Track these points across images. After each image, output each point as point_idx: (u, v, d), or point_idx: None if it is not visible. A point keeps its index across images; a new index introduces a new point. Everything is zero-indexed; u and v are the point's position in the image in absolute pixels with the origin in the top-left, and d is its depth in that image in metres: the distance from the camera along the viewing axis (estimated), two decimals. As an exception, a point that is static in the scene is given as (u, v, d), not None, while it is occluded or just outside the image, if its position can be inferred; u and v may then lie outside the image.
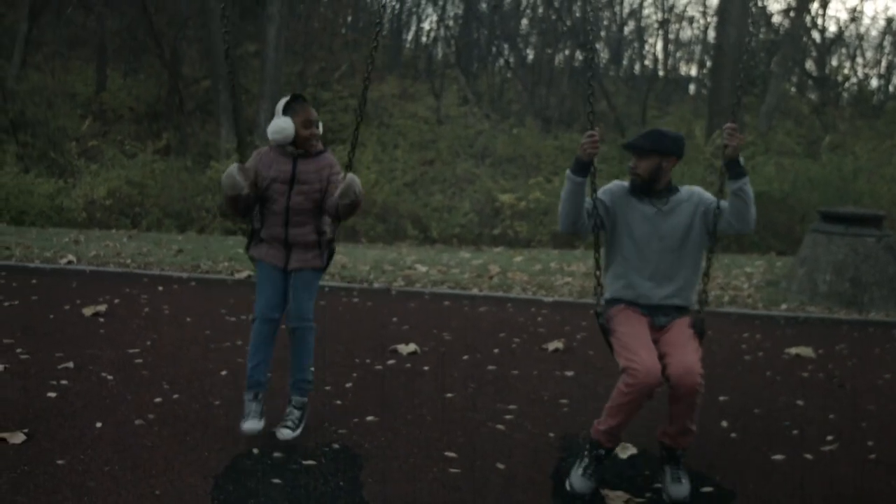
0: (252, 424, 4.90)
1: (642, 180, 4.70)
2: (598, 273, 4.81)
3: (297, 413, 5.06)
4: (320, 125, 5.06)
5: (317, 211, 5.01)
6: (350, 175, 4.86)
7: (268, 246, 5.04)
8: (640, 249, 4.70)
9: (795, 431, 5.64)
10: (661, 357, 4.42)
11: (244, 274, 10.45)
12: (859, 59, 32.68)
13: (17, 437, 4.75)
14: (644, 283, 4.70)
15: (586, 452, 4.57)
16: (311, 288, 5.04)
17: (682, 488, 4.44)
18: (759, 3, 29.36)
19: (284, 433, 4.95)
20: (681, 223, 4.69)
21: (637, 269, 4.71)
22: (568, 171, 4.67)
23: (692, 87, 33.52)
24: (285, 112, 4.96)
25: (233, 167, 4.88)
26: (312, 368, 5.21)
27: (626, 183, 4.82)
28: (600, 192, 4.76)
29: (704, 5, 32.06)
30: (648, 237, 4.69)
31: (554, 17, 29.27)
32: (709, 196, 4.75)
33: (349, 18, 31.06)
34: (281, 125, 4.90)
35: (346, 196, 4.82)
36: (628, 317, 4.67)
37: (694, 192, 4.77)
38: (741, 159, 4.56)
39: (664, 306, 4.71)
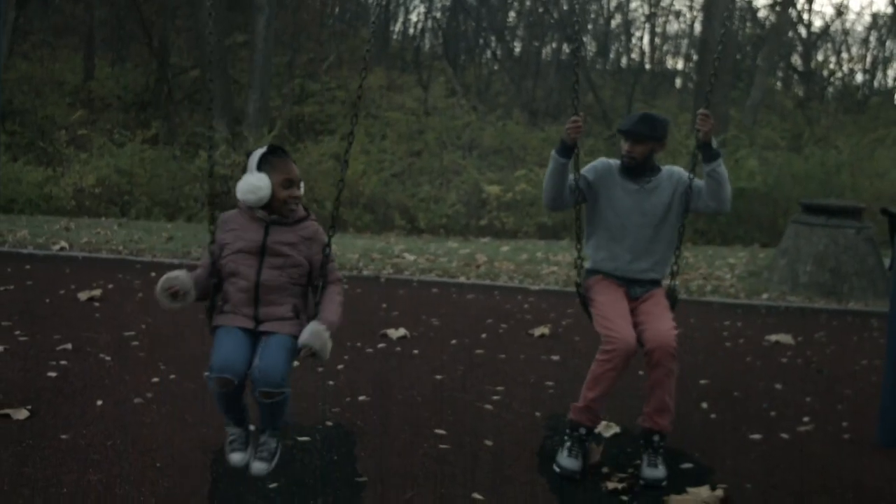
0: (237, 457, 4.11)
1: (637, 163, 4.89)
2: (578, 247, 4.96)
3: (272, 444, 4.12)
4: (302, 185, 4.18)
5: (295, 289, 4.13)
6: (305, 339, 3.90)
7: (233, 315, 4.09)
8: (621, 222, 4.88)
9: (773, 413, 5.84)
10: (637, 325, 4.65)
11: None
12: (844, 55, 32.99)
13: (21, 414, 4.91)
14: (623, 255, 4.88)
15: (567, 435, 4.70)
16: (286, 350, 3.97)
17: (657, 472, 4.54)
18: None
19: (259, 467, 4.07)
20: (661, 202, 4.88)
21: (617, 241, 4.88)
22: (553, 152, 4.84)
23: (678, 81, 33.79)
24: (260, 167, 4.08)
25: (164, 279, 4.11)
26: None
27: (612, 161, 5.01)
28: (584, 169, 4.93)
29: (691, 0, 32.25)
30: (629, 211, 4.87)
31: (541, 9, 29.43)
32: (686, 175, 4.92)
33: (337, 9, 31.14)
34: (255, 184, 4.02)
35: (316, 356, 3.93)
36: (606, 287, 4.87)
37: (674, 172, 4.96)
38: (714, 142, 4.74)
39: (640, 280, 4.90)
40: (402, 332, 7.43)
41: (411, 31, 33.81)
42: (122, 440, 4.64)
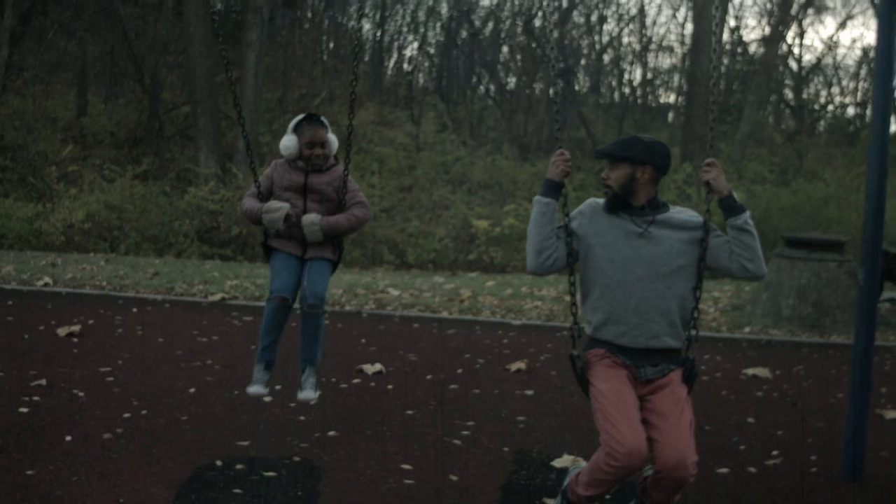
0: (258, 389, 5.29)
1: (614, 193, 4.14)
2: (574, 310, 4.29)
3: (313, 378, 5.38)
4: (329, 143, 5.40)
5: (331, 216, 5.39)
6: (308, 219, 5.31)
7: (286, 240, 5.39)
8: (621, 275, 4.08)
9: (743, 447, 5.86)
10: (647, 427, 3.90)
11: (217, 297, 10.63)
12: (836, 88, 33.21)
13: (-12, 450, 4.93)
14: (628, 317, 4.07)
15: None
16: (326, 273, 5.35)
17: None
18: (735, 35, 29.86)
19: (308, 394, 5.32)
20: (671, 249, 4.10)
21: (620, 300, 4.08)
22: (536, 196, 4.23)
23: (671, 115, 33.97)
24: (294, 130, 5.38)
25: (286, 207, 5.29)
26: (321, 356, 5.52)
27: (600, 200, 4.27)
28: (570, 216, 4.25)
29: (682, 35, 32.47)
30: (631, 261, 4.08)
31: (534, 45, 29.64)
32: (709, 224, 4.15)
33: (331, 45, 31.36)
34: (285, 143, 5.36)
35: (313, 235, 5.31)
36: (608, 371, 4.08)
37: (687, 213, 4.23)
38: (735, 194, 4.13)
39: (652, 351, 4.09)
40: (377, 367, 7.45)
41: (405, 66, 34.05)
42: (88, 475, 4.66)
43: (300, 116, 5.42)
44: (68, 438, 5.24)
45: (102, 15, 24.47)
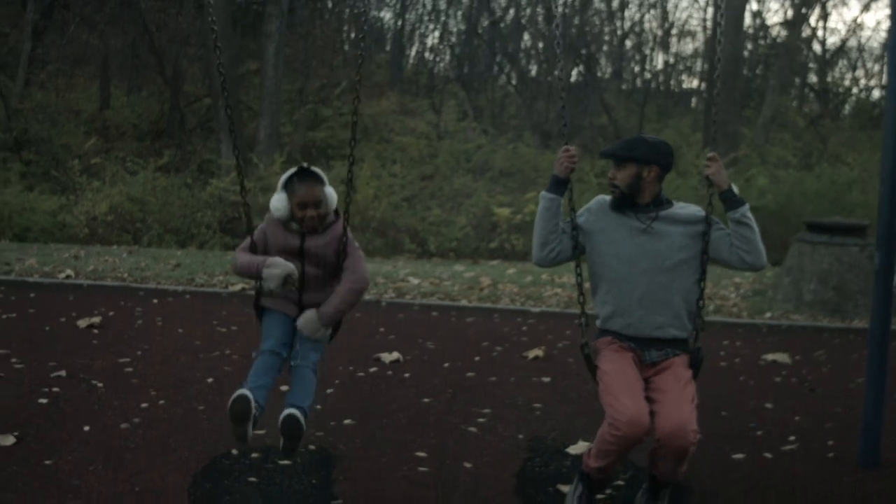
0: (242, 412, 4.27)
1: (621, 193, 4.30)
2: (581, 301, 4.46)
3: (300, 413, 4.42)
4: (326, 201, 4.62)
5: (332, 280, 4.73)
6: (302, 322, 4.59)
7: (280, 299, 4.70)
8: (626, 269, 4.26)
9: (760, 432, 5.83)
10: (651, 404, 4.03)
11: (238, 287, 10.68)
12: (860, 71, 32.91)
13: (8, 440, 4.99)
14: (633, 310, 4.25)
15: (578, 480, 4.31)
16: (319, 342, 4.70)
17: None
18: (757, 19, 29.64)
19: (292, 412, 4.39)
20: (674, 243, 4.26)
21: (625, 292, 4.26)
22: (542, 192, 4.38)
23: (694, 101, 33.76)
24: (285, 187, 4.63)
25: (288, 267, 4.48)
26: (318, 406, 5.12)
27: (608, 198, 4.44)
28: (577, 213, 4.41)
29: (704, 20, 32.26)
30: (635, 255, 4.25)
31: (556, 29, 29.50)
32: (711, 218, 4.33)
33: (352, 35, 31.38)
34: (275, 203, 4.63)
35: (318, 333, 4.62)
36: (614, 354, 4.25)
37: (690, 209, 4.38)
38: (734, 188, 4.26)
39: (657, 339, 4.27)
40: (395, 355, 7.47)
41: (426, 55, 34.03)
42: (105, 465, 4.71)
43: (291, 171, 4.65)
44: (86, 428, 5.30)
45: (123, 8, 24.59)
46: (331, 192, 4.67)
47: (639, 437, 3.89)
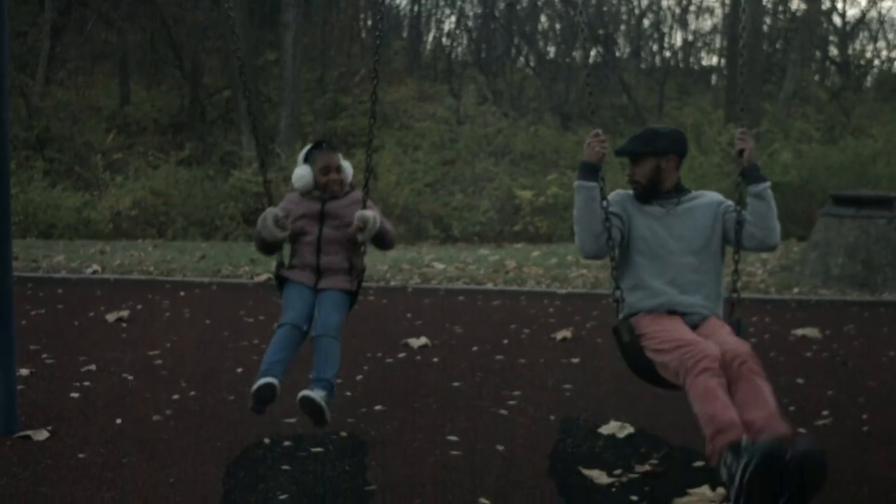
0: (267, 389, 4.72)
1: (643, 187, 4.43)
2: (616, 278, 4.46)
3: (324, 393, 4.77)
4: (344, 169, 5.24)
5: (349, 244, 5.17)
6: (359, 213, 5.01)
7: (299, 270, 5.18)
8: (655, 253, 4.36)
9: (792, 408, 5.79)
10: None
11: (263, 277, 10.71)
12: (881, 42, 32.57)
13: (41, 435, 5.01)
14: (666, 290, 4.32)
15: (725, 470, 3.78)
16: (340, 306, 5.08)
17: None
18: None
19: (316, 393, 4.73)
20: (698, 225, 4.38)
21: (655, 275, 4.35)
22: (577, 182, 4.36)
23: (714, 78, 33.52)
24: (306, 160, 5.21)
25: (269, 211, 5.03)
26: (339, 380, 5.21)
27: (629, 191, 4.58)
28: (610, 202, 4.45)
29: (722, -5, 31.97)
30: (661, 238, 4.36)
31: (573, 13, 29.37)
32: (728, 201, 4.49)
33: (368, 22, 31.33)
34: (299, 173, 5.17)
35: (364, 232, 5.00)
36: (656, 317, 4.30)
37: (711, 195, 4.52)
38: (759, 165, 4.38)
39: (692, 313, 4.35)
40: (423, 340, 7.47)
41: (444, 40, 33.94)
42: (138, 457, 4.72)
43: (309, 146, 5.31)
44: (119, 421, 5.32)
45: (140, 3, 24.67)
46: (347, 164, 5.29)
47: (716, 354, 3.89)
